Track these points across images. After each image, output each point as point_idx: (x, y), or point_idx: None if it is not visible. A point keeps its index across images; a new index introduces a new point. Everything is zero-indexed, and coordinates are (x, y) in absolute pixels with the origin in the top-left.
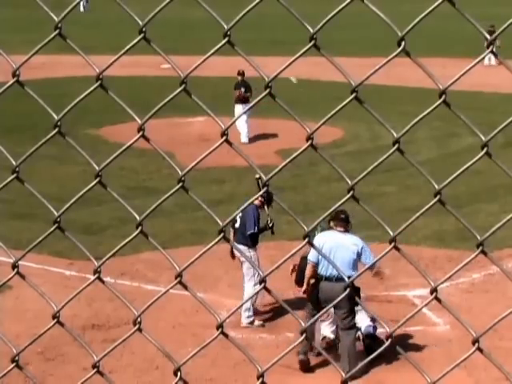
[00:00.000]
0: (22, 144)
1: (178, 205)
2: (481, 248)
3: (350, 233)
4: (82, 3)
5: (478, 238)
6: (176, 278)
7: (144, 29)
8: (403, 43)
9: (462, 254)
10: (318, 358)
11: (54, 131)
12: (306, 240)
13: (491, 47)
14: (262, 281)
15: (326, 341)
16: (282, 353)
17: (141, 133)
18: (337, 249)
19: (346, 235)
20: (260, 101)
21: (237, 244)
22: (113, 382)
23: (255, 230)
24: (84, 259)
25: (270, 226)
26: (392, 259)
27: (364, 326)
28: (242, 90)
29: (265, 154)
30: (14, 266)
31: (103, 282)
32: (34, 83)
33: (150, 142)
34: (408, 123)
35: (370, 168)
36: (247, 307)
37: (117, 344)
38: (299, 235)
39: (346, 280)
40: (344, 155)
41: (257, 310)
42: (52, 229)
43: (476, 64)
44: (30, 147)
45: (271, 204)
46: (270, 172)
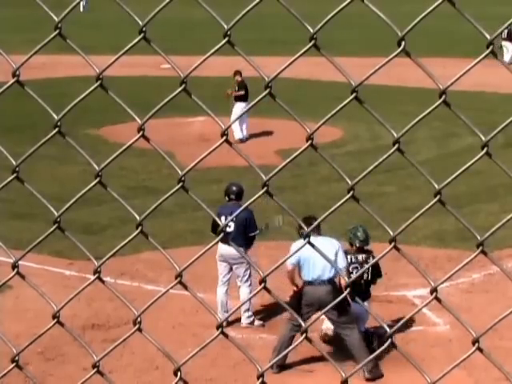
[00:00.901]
0: (22, 144)
1: (178, 205)
2: (481, 248)
3: (322, 235)
4: (82, 3)
5: (478, 238)
6: (176, 278)
7: (144, 29)
8: (403, 43)
9: (462, 254)
10: (319, 357)
11: (54, 131)
12: (307, 240)
13: (491, 47)
14: (262, 281)
15: (324, 334)
16: (282, 353)
17: (141, 133)
18: (316, 255)
19: (321, 238)
20: (260, 101)
21: (228, 246)
22: (113, 382)
23: (257, 232)
24: (84, 259)
25: (263, 228)
26: (392, 259)
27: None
28: (237, 88)
29: (265, 154)
30: (14, 266)
31: (103, 282)
32: (33, 83)
33: (150, 142)
34: (408, 123)
35: (370, 168)
36: (246, 308)
37: (117, 344)
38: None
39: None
40: (344, 155)
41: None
42: (52, 229)
43: (476, 64)
44: (30, 147)
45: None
46: (270, 172)
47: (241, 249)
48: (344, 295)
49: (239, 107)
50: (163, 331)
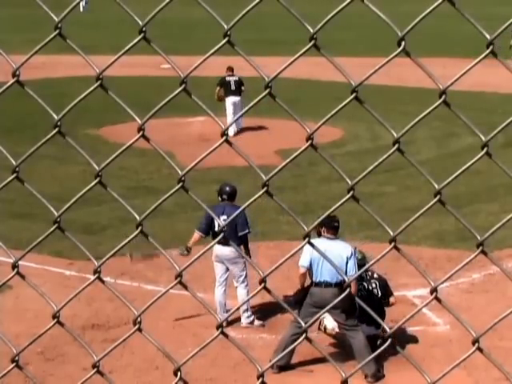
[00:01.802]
0: (22, 144)
1: (178, 205)
2: (481, 248)
3: (339, 239)
4: (82, 4)
5: (478, 238)
6: (176, 278)
7: (144, 29)
8: (403, 43)
9: (462, 254)
10: (318, 358)
11: (54, 131)
12: (306, 240)
13: (491, 47)
14: (262, 281)
15: (329, 332)
16: (282, 353)
17: (141, 133)
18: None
19: (336, 241)
20: (260, 101)
21: (222, 246)
22: (113, 382)
23: (249, 231)
24: (84, 259)
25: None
26: (392, 259)
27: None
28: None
29: (265, 154)
30: (14, 266)
31: (103, 282)
32: (33, 83)
33: (150, 142)
34: (408, 123)
35: (370, 168)
36: (245, 308)
37: (117, 344)
38: (299, 235)
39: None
40: (344, 155)
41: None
42: (52, 229)
43: (476, 64)
44: (30, 147)
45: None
46: (270, 172)
47: (231, 248)
48: (344, 295)
49: (231, 100)
50: (163, 331)
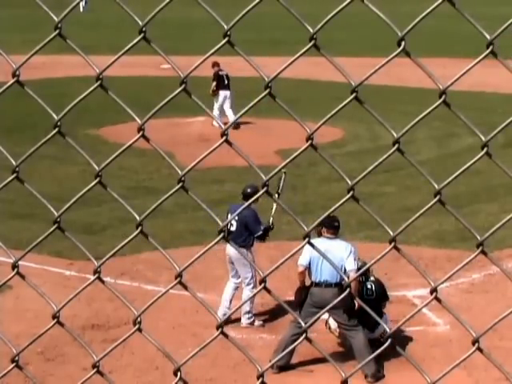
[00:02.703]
0: (22, 144)
1: (178, 205)
2: (481, 248)
3: (339, 238)
4: (82, 4)
5: (478, 238)
6: (176, 278)
7: (144, 29)
8: (403, 43)
9: (462, 254)
10: (318, 358)
11: (54, 131)
12: (306, 240)
13: (491, 47)
14: (262, 281)
15: (332, 331)
16: (282, 353)
17: (141, 133)
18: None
19: (336, 241)
20: (260, 101)
21: (230, 246)
22: (113, 382)
23: (262, 232)
24: (84, 259)
25: (271, 227)
26: (392, 259)
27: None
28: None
29: (265, 153)
30: (14, 266)
31: (103, 282)
32: (33, 83)
33: (149, 142)
34: (408, 123)
35: (370, 168)
36: (247, 310)
37: (117, 344)
38: (299, 235)
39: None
40: (344, 155)
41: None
42: (52, 229)
43: (476, 64)
44: (30, 147)
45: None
46: (270, 172)
47: (243, 250)
48: (344, 295)
49: (223, 94)
50: (163, 331)
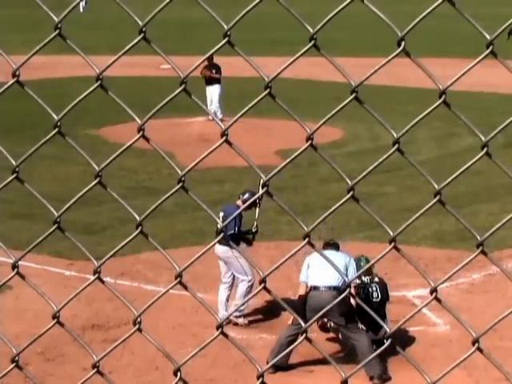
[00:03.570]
0: (22, 144)
1: (178, 205)
2: (481, 248)
3: (340, 252)
4: (82, 4)
5: (478, 238)
6: (176, 278)
7: (144, 29)
8: (403, 43)
9: (462, 254)
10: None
11: (54, 131)
12: (306, 240)
13: (491, 47)
14: (262, 281)
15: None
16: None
17: (141, 133)
18: (326, 264)
19: (337, 253)
20: (260, 101)
21: (218, 245)
22: (113, 382)
23: (235, 231)
24: (84, 259)
25: (253, 231)
26: (392, 259)
27: None
28: (213, 71)
29: (265, 154)
30: (14, 266)
31: (103, 282)
32: (33, 83)
33: (149, 142)
34: (408, 123)
35: (370, 168)
36: (238, 305)
37: (117, 344)
38: (299, 235)
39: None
40: (344, 155)
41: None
42: (52, 229)
43: (476, 64)
44: (30, 147)
45: (258, 207)
46: (270, 172)
47: (224, 247)
48: (344, 295)
49: (211, 90)
50: (163, 331)
